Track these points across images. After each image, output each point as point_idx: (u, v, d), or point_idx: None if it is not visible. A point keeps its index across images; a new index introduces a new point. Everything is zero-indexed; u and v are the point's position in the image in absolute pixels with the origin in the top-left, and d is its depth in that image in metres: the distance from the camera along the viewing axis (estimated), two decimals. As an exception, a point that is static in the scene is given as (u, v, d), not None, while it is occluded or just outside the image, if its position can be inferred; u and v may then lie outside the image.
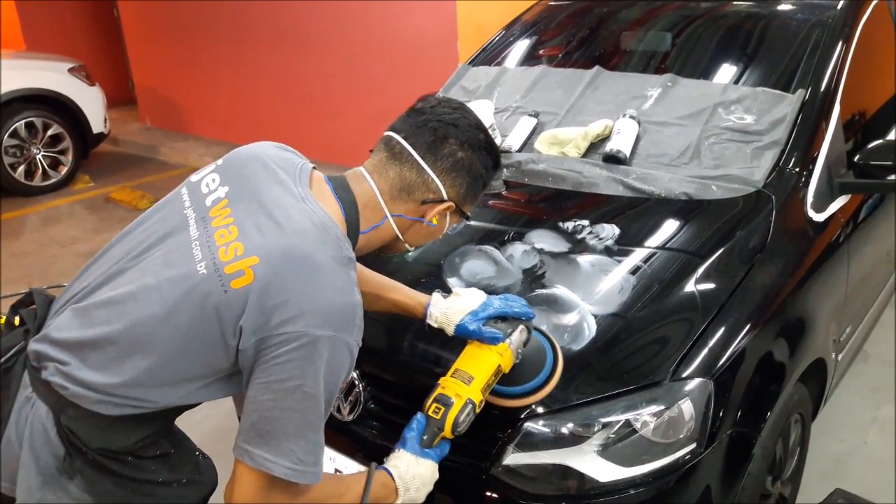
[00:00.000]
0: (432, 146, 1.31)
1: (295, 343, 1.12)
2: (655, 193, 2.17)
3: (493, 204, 2.37)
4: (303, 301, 1.13)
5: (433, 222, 1.37)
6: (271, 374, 1.13)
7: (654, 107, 2.47)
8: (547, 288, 1.89)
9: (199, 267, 1.16)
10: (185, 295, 1.15)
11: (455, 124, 1.33)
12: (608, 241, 2.01)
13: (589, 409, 1.65)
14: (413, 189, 1.32)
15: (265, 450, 1.14)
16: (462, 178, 1.34)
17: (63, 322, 1.21)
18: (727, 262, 1.93)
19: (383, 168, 1.33)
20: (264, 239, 1.16)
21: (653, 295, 1.83)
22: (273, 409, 1.14)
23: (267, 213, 1.20)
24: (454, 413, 1.43)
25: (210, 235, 1.20)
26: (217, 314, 1.14)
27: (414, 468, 1.40)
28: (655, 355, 1.73)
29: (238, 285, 1.13)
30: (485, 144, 1.36)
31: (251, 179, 1.26)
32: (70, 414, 1.17)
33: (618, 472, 1.62)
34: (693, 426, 1.65)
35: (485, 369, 1.49)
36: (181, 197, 1.30)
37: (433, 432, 1.44)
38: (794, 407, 2.04)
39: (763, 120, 2.28)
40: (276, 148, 1.36)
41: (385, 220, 1.33)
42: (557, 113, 2.61)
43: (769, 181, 2.13)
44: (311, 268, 1.15)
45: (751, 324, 1.82)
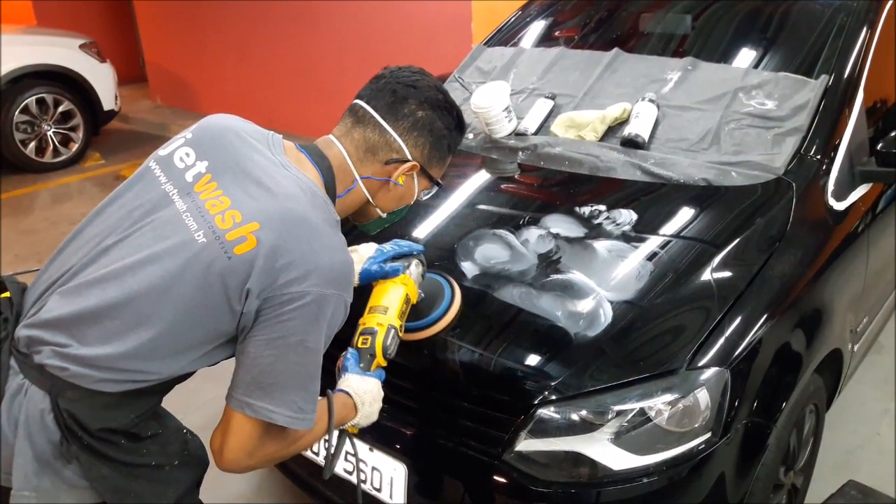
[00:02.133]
0: (392, 107, 1.36)
1: (300, 301, 1.16)
2: (674, 179, 2.13)
3: (507, 188, 2.35)
4: (308, 261, 1.17)
5: (399, 182, 1.40)
6: (274, 331, 1.17)
7: (673, 91, 2.43)
8: (562, 273, 1.86)
9: (197, 236, 1.17)
10: (187, 264, 1.16)
11: (414, 86, 1.38)
12: (625, 227, 1.98)
13: (603, 396, 1.63)
14: (377, 149, 1.37)
15: (267, 401, 1.18)
16: (424, 138, 1.38)
17: (54, 304, 1.19)
18: (745, 250, 1.90)
19: (349, 132, 1.38)
20: (259, 205, 1.19)
21: (670, 282, 1.81)
22: (276, 364, 1.18)
23: (255, 181, 1.22)
24: (381, 338, 1.55)
25: (201, 206, 1.20)
26: (222, 281, 1.15)
27: (363, 384, 1.48)
28: (671, 343, 1.71)
29: (242, 251, 1.15)
30: (444, 104, 1.40)
31: (229, 150, 1.27)
32: (69, 396, 1.16)
33: (631, 460, 1.60)
34: (708, 415, 1.63)
35: (396, 298, 1.61)
36: (152, 172, 1.28)
37: (367, 359, 1.54)
38: (809, 397, 2.01)
39: (785, 106, 2.24)
40: (239, 120, 1.38)
41: (356, 183, 1.38)
42: (575, 95, 2.57)
43: (790, 168, 2.09)
44: (309, 230, 1.19)
45: (768, 313, 1.80)
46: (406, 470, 1.78)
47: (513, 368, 1.70)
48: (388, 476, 1.81)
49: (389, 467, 1.80)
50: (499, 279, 1.88)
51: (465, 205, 2.23)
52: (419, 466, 1.78)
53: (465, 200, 2.26)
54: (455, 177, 2.50)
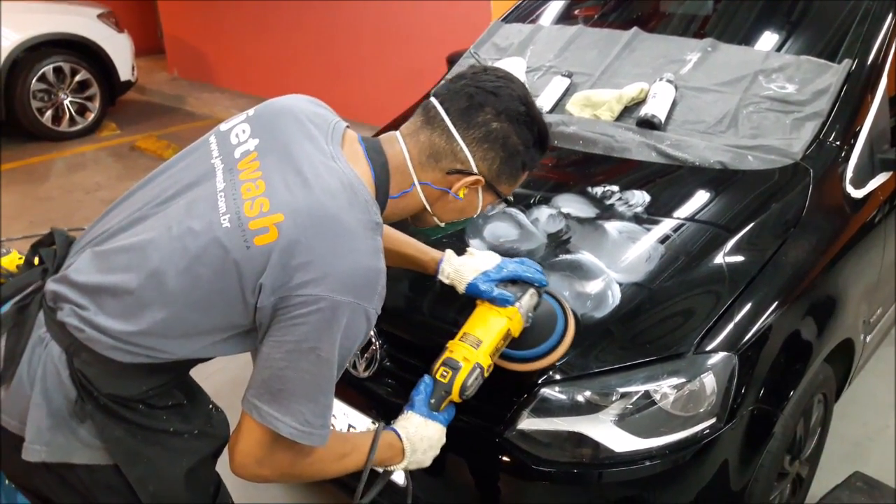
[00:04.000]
0: (465, 112, 1.24)
1: (314, 306, 1.09)
2: (689, 161, 2.10)
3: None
4: (326, 264, 1.10)
5: (460, 195, 1.29)
6: (287, 334, 1.11)
7: (692, 72, 2.38)
8: (572, 253, 1.84)
9: (223, 220, 1.13)
10: (206, 247, 1.12)
11: (495, 93, 1.25)
12: (637, 209, 1.96)
13: (608, 377, 1.62)
14: (441, 156, 1.26)
15: (274, 407, 1.13)
16: (495, 152, 1.26)
17: (82, 265, 1.19)
18: (759, 235, 1.87)
19: (416, 132, 1.28)
20: (291, 196, 1.13)
21: (680, 265, 1.78)
22: (286, 369, 1.12)
23: (296, 170, 1.16)
24: (462, 377, 1.41)
25: (236, 188, 1.16)
26: (237, 269, 1.11)
27: (423, 430, 1.39)
28: (679, 327, 1.69)
29: (261, 242, 1.10)
30: (525, 118, 1.27)
31: (282, 133, 1.22)
32: (83, 358, 1.15)
33: (634, 442, 1.59)
34: (714, 401, 1.61)
35: (494, 333, 1.46)
36: (209, 145, 1.26)
37: (441, 396, 1.42)
38: (818, 386, 1.99)
39: (805, 90, 2.19)
40: (310, 103, 1.31)
41: (413, 186, 1.28)
42: (592, 74, 2.53)
43: (808, 153, 2.05)
44: (337, 230, 1.12)
45: (780, 300, 1.77)
46: (408, 445, 1.77)
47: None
48: (389, 451, 1.80)
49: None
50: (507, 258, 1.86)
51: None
52: (421, 442, 1.77)
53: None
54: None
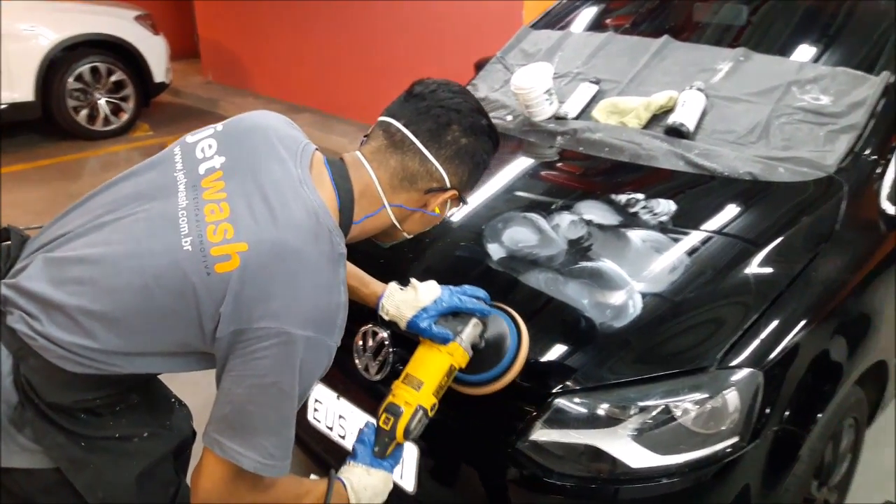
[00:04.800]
0: (435, 134, 1.24)
1: (274, 340, 1.08)
2: (718, 171, 2.04)
3: (542, 172, 2.27)
4: (286, 298, 1.09)
5: (436, 212, 1.31)
6: (247, 369, 1.09)
7: (723, 81, 2.33)
8: (592, 261, 1.79)
9: (184, 242, 1.10)
10: (166, 270, 1.09)
11: (458, 109, 1.26)
12: (663, 218, 1.90)
13: (626, 390, 1.56)
14: (416, 179, 1.26)
15: (237, 443, 1.11)
16: (465, 166, 1.28)
17: (34, 271, 1.15)
18: (789, 249, 1.80)
19: (383, 156, 1.26)
20: (256, 225, 1.11)
21: (705, 277, 1.72)
22: (247, 404, 1.11)
23: (262, 196, 1.13)
24: (404, 422, 1.40)
25: (199, 209, 1.13)
26: (195, 295, 1.09)
27: (365, 479, 1.38)
28: (703, 340, 1.63)
29: (222, 270, 1.08)
30: (486, 129, 1.30)
31: (251, 153, 1.19)
32: (31, 364, 1.12)
33: (652, 458, 1.53)
34: (737, 418, 1.55)
35: (434, 372, 1.45)
36: (174, 157, 1.23)
37: (384, 442, 1.41)
38: (848, 410, 1.91)
39: (841, 102, 2.12)
40: (280, 122, 1.29)
41: (382, 209, 1.27)
42: (620, 81, 2.48)
43: (842, 167, 1.98)
44: (299, 265, 1.11)
45: (809, 317, 1.70)
46: (419, 452, 1.73)
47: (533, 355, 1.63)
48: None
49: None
50: (525, 263, 1.82)
51: (498, 187, 2.17)
52: (432, 450, 1.73)
53: (498, 183, 2.19)
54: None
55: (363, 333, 1.80)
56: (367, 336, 1.79)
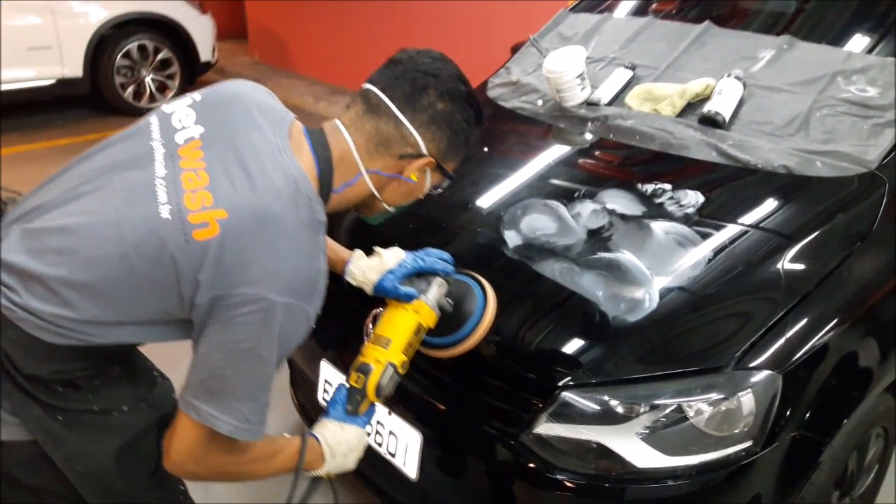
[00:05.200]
0: (410, 97, 1.23)
1: (253, 306, 1.07)
2: (751, 163, 1.95)
3: (569, 159, 2.20)
4: (266, 264, 1.08)
5: (412, 178, 1.29)
6: (225, 334, 1.09)
7: (764, 69, 2.22)
8: (611, 252, 1.73)
9: (163, 210, 1.09)
10: (144, 238, 1.08)
11: (435, 74, 1.25)
12: (689, 209, 1.82)
13: (636, 387, 1.51)
14: (390, 143, 1.24)
15: (212, 406, 1.10)
16: (442, 132, 1.26)
17: (12, 243, 1.13)
18: (820, 247, 1.71)
19: (360, 121, 1.25)
20: (235, 192, 1.10)
21: (729, 273, 1.65)
22: (225, 369, 1.10)
23: (241, 164, 1.13)
24: (374, 380, 1.40)
25: (177, 177, 1.12)
26: (174, 263, 1.08)
27: (339, 434, 1.37)
28: (720, 339, 1.56)
29: (201, 237, 1.07)
30: (465, 96, 1.27)
31: (230, 122, 1.18)
32: (9, 336, 1.10)
33: (659, 459, 1.47)
34: (751, 422, 1.48)
35: (402, 330, 1.46)
36: (149, 127, 1.21)
37: (357, 401, 1.41)
38: (877, 419, 1.81)
39: (888, 94, 2.00)
40: (259, 91, 1.28)
41: (359, 176, 1.26)
42: (656, 67, 2.39)
43: (885, 163, 1.87)
44: (278, 230, 1.10)
45: (837, 319, 1.62)
46: (422, 439, 1.69)
47: (541, 346, 1.58)
48: (403, 442, 1.73)
49: (406, 434, 1.72)
50: (542, 252, 1.76)
51: (522, 173, 2.11)
52: (435, 437, 1.70)
53: (522, 168, 2.14)
54: (516, 144, 2.38)
55: (373, 316, 1.77)
56: (377, 319, 1.76)
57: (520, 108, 2.46)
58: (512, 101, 2.52)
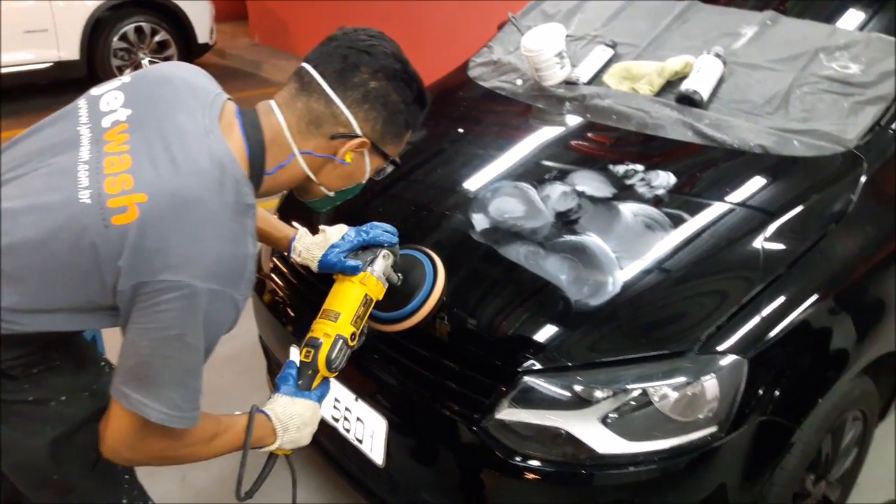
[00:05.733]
0: (341, 74, 1.19)
1: (176, 293, 1.04)
2: (727, 143, 1.90)
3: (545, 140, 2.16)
4: (188, 249, 1.05)
5: (346, 160, 1.24)
6: (150, 321, 1.06)
7: (746, 46, 2.17)
8: (578, 234, 1.69)
9: (83, 195, 1.06)
10: (63, 223, 1.06)
11: (368, 51, 1.21)
12: (660, 191, 1.78)
13: (599, 371, 1.48)
14: (321, 122, 1.20)
15: (142, 394, 1.08)
16: (376, 112, 1.22)
17: None
18: (793, 228, 1.68)
19: (292, 100, 1.21)
20: (157, 175, 1.07)
21: (696, 255, 1.62)
22: (152, 356, 1.08)
23: (165, 146, 1.09)
24: (324, 352, 1.39)
25: (100, 161, 1.09)
26: (94, 249, 1.05)
27: (290, 408, 1.34)
28: (686, 322, 1.53)
29: (120, 222, 1.04)
30: (402, 74, 1.23)
31: (157, 104, 1.15)
32: None
33: (620, 445, 1.45)
34: (715, 407, 1.45)
35: (350, 303, 1.44)
36: (77, 111, 1.18)
37: (308, 376, 1.39)
38: (853, 402, 1.78)
39: (871, 70, 1.95)
40: (191, 72, 1.24)
41: (292, 157, 1.22)
42: (637, 45, 2.34)
43: (864, 142, 1.82)
44: (201, 214, 1.07)
45: (810, 300, 1.59)
46: (387, 425, 1.68)
47: (504, 330, 1.56)
48: (370, 429, 1.72)
49: (372, 420, 1.71)
50: (508, 235, 1.73)
51: (495, 154, 2.07)
52: (400, 424, 1.68)
53: (496, 150, 2.10)
54: (492, 125, 2.35)
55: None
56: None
57: (499, 88, 2.42)
58: (492, 80, 2.48)
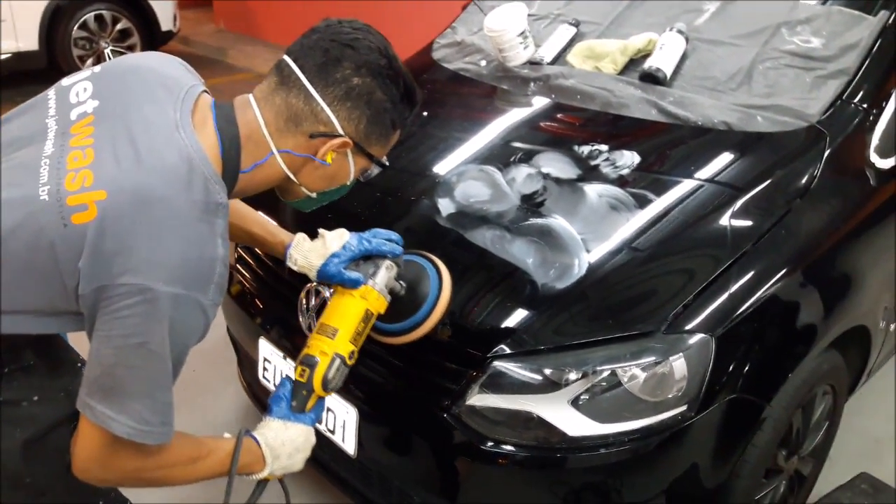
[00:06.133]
0: (322, 69, 1.11)
1: (138, 297, 0.98)
2: (691, 120, 1.90)
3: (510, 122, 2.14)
4: (149, 251, 0.99)
5: (327, 161, 1.17)
6: (113, 328, 1.00)
7: (708, 22, 2.16)
8: (544, 217, 1.68)
9: (41, 192, 1.01)
10: (22, 221, 1.00)
11: (351, 45, 1.12)
12: (624, 170, 1.77)
13: (566, 354, 1.47)
14: (301, 119, 1.13)
15: (107, 405, 1.02)
16: (360, 110, 1.14)
17: None
18: (758, 203, 1.68)
19: (271, 94, 1.14)
20: (119, 171, 1.01)
21: (662, 234, 1.61)
22: (116, 366, 1.02)
23: (130, 140, 1.03)
24: (320, 373, 1.31)
25: (63, 156, 1.04)
26: (52, 249, 1.00)
27: (283, 434, 1.29)
28: (653, 302, 1.53)
29: (79, 220, 0.98)
30: (387, 70, 1.15)
31: (125, 96, 1.09)
32: None
33: (590, 427, 1.45)
34: (684, 386, 1.45)
35: (349, 318, 1.35)
36: (47, 102, 1.13)
37: (303, 396, 1.32)
38: (822, 377, 1.79)
39: (832, 44, 1.95)
40: (165, 62, 1.18)
41: (270, 156, 1.15)
42: (600, 23, 2.32)
43: (826, 116, 1.82)
44: (164, 213, 1.00)
45: (777, 276, 1.59)
46: (358, 415, 1.66)
47: (472, 315, 1.54)
48: (340, 419, 1.70)
49: (342, 410, 1.69)
50: (474, 220, 1.71)
51: (461, 137, 2.05)
52: (371, 413, 1.66)
53: (462, 132, 2.07)
54: (457, 107, 2.32)
55: (307, 292, 1.72)
56: (311, 295, 1.71)
57: (463, 70, 2.39)
58: (456, 62, 2.45)
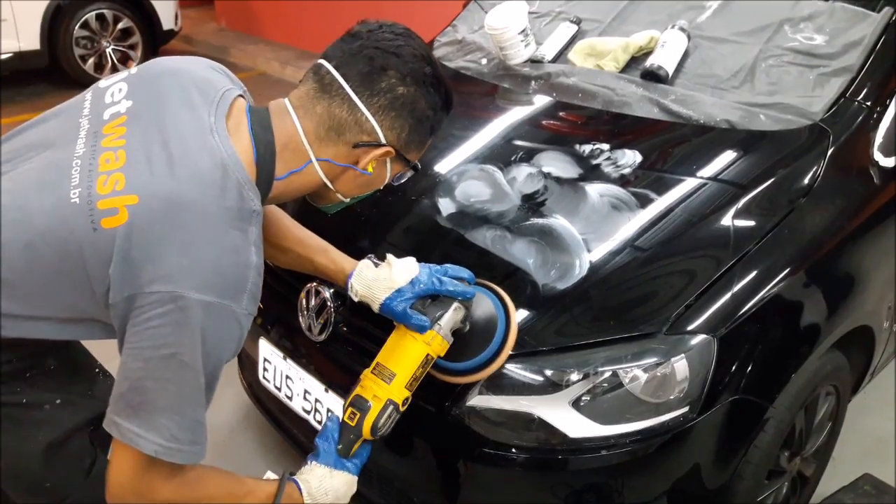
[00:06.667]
0: (367, 78, 1.09)
1: (170, 305, 0.96)
2: (693, 119, 1.88)
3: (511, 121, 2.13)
4: (181, 258, 0.97)
5: (368, 170, 1.15)
6: (143, 339, 0.98)
7: (711, 19, 2.14)
8: (545, 217, 1.67)
9: (73, 194, 0.99)
10: (52, 225, 0.99)
11: (397, 53, 1.10)
12: (626, 170, 1.76)
13: (568, 355, 1.46)
14: (344, 129, 1.11)
15: (135, 423, 1.00)
16: (403, 119, 1.12)
17: None
18: (761, 202, 1.66)
19: (310, 102, 1.11)
20: (151, 175, 0.99)
21: (663, 234, 1.60)
22: (145, 379, 0.99)
23: (163, 143, 1.02)
24: (371, 419, 1.27)
25: (95, 157, 1.02)
26: (81, 254, 0.98)
27: (327, 482, 1.26)
28: (654, 303, 1.51)
29: (109, 225, 0.97)
30: (432, 80, 1.13)
31: (160, 98, 1.08)
32: None
33: (592, 428, 1.43)
34: (686, 388, 1.44)
35: (409, 363, 1.31)
36: (83, 103, 1.12)
37: (349, 440, 1.28)
38: (825, 377, 1.77)
39: (836, 42, 1.93)
40: (202, 66, 1.17)
41: (308, 164, 1.13)
42: (601, 20, 2.30)
43: (830, 114, 1.81)
44: (198, 219, 0.98)
45: (780, 275, 1.57)
46: (358, 416, 1.65)
47: (472, 317, 1.53)
48: (340, 420, 1.69)
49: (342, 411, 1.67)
50: (474, 220, 1.70)
51: (462, 136, 2.03)
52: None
53: (463, 131, 2.06)
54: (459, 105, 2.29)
55: (307, 292, 1.71)
56: (311, 294, 1.70)
57: (464, 68, 2.38)
58: (457, 60, 2.44)
